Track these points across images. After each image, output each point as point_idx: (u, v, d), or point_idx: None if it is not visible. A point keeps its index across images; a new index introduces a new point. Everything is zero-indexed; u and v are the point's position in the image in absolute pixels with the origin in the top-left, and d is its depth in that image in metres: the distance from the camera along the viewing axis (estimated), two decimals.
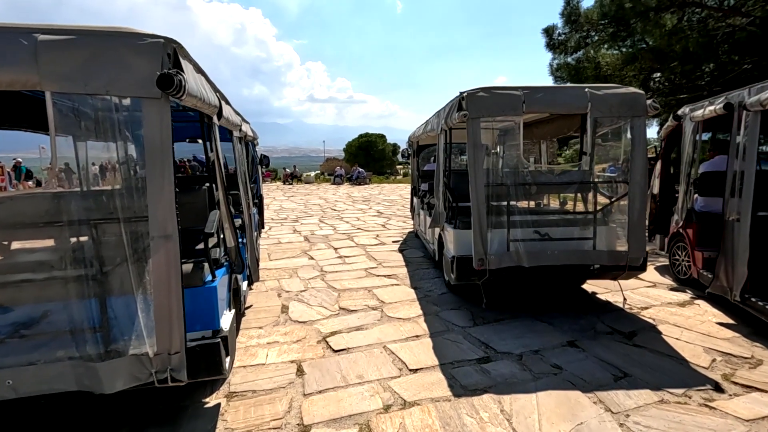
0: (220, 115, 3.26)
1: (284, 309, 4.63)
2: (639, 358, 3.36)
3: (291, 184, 26.27)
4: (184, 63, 2.22)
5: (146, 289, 2.17)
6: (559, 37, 12.34)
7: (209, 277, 2.77)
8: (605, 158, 5.35)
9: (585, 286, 5.15)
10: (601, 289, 5.05)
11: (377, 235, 8.83)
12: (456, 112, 4.10)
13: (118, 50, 2.01)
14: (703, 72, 11.82)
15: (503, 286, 4.98)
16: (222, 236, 3.31)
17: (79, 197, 2.44)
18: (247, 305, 4.67)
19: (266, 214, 11.69)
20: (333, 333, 3.97)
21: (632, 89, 4.04)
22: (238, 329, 3.99)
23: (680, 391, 2.87)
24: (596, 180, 4.67)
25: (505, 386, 2.97)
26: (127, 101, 2.16)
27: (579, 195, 5.09)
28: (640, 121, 3.96)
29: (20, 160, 17.40)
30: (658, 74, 12.33)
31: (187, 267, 2.68)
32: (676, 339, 3.70)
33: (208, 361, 2.36)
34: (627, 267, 4.08)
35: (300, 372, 3.25)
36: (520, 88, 3.94)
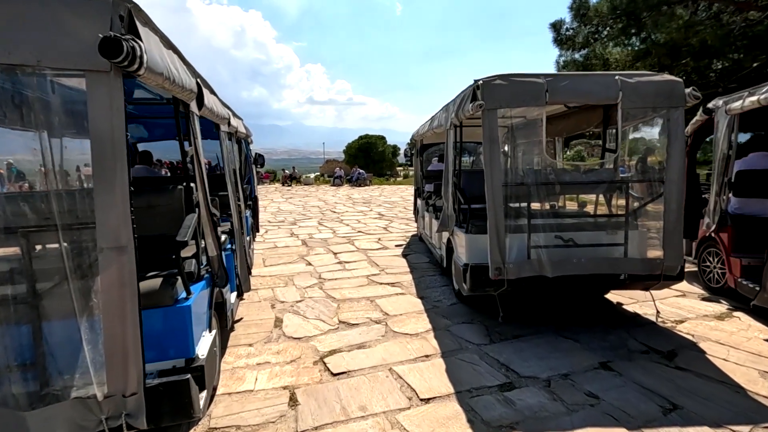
0: (200, 103, 2.82)
1: (278, 322, 4.17)
2: (686, 384, 2.90)
3: (290, 185, 25.80)
4: (143, 30, 1.77)
5: (93, 314, 1.72)
6: (567, 33, 11.92)
7: (182, 294, 2.32)
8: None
9: (609, 296, 4.69)
10: (626, 299, 4.59)
11: (379, 239, 8.38)
12: (469, 102, 3.65)
13: (53, 9, 1.57)
14: (713, 69, 11.38)
15: (520, 297, 4.52)
16: (203, 244, 2.86)
17: (3, 200, 1.98)
18: (236, 318, 4.22)
19: (262, 216, 11.23)
20: (332, 352, 3.51)
21: (668, 76, 3.59)
22: (224, 348, 3.53)
23: (746, 429, 2.41)
24: (626, 180, 4.20)
25: (534, 422, 2.51)
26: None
27: (603, 196, 4.63)
28: (678, 113, 3.51)
29: (12, 161, 16.99)
30: (667, 72, 11.93)
31: (155, 282, 2.23)
32: (724, 360, 3.24)
33: (175, 402, 1.90)
34: (662, 276, 3.63)
35: (293, 402, 2.80)
36: (542, 76, 3.49)
